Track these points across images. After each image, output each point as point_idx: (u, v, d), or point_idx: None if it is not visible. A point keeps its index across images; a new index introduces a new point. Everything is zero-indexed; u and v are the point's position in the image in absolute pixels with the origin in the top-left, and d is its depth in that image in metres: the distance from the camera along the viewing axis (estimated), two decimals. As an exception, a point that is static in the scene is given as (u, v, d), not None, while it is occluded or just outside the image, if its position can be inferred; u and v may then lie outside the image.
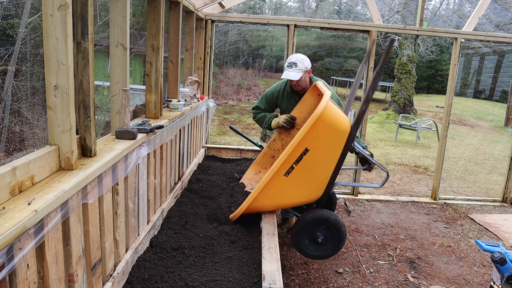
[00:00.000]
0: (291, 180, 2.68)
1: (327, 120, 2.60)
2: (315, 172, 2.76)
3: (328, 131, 2.65)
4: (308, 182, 2.78)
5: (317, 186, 2.84)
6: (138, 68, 16.31)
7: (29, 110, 8.83)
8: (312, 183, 2.81)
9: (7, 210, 1.34)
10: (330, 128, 2.65)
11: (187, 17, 4.44)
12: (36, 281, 1.45)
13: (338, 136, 2.72)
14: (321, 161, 2.74)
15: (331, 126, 2.65)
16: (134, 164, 2.38)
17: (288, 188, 2.73)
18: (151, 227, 2.86)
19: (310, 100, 3.48)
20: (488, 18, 11.93)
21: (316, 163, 2.70)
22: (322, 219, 2.87)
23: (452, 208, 5.22)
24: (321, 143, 2.65)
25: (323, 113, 2.54)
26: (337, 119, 2.69)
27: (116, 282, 2.20)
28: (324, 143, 2.67)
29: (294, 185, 2.72)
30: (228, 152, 5.42)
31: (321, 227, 2.89)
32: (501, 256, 2.73)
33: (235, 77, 19.87)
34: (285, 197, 2.80)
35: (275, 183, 2.68)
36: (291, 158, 2.60)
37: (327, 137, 2.66)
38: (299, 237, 2.93)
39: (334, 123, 2.66)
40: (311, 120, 2.52)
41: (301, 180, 2.72)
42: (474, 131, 13.01)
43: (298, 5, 29.86)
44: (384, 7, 15.67)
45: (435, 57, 22.84)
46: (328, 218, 2.86)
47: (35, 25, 8.77)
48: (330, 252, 2.95)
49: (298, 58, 3.37)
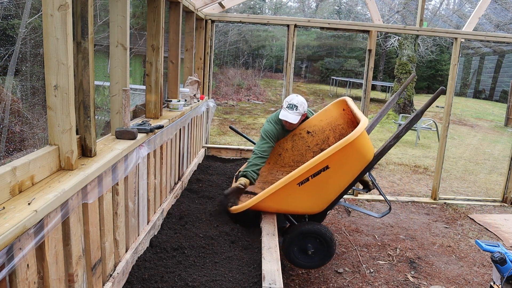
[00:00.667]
0: (302, 190, 2.75)
1: (358, 147, 2.71)
2: (327, 189, 2.84)
3: (354, 157, 2.76)
4: (317, 196, 2.85)
5: (323, 201, 2.92)
6: (138, 68, 16.30)
7: (29, 110, 8.83)
8: (320, 198, 2.89)
9: (7, 210, 1.34)
10: (357, 155, 2.76)
11: (187, 17, 4.44)
12: (36, 281, 1.45)
13: (360, 163, 2.83)
14: (336, 181, 2.82)
15: (359, 153, 2.76)
16: (134, 164, 2.38)
17: (297, 197, 2.79)
18: (151, 227, 2.86)
19: (333, 112, 3.51)
20: (488, 18, 11.93)
21: (330, 181, 2.78)
22: (318, 234, 2.95)
23: (452, 208, 5.23)
24: (343, 165, 2.75)
25: (356, 140, 2.63)
26: (366, 148, 2.80)
27: (116, 282, 2.20)
28: (346, 166, 2.77)
29: (303, 195, 2.79)
30: (228, 152, 5.42)
31: (314, 240, 2.98)
32: (501, 256, 2.73)
33: (235, 77, 19.87)
34: (291, 204, 2.85)
35: (286, 189, 2.75)
36: (310, 171, 2.67)
37: (350, 161, 2.77)
38: (291, 243, 3.00)
39: (363, 151, 2.77)
40: (343, 142, 2.61)
41: (311, 192, 2.80)
42: (474, 131, 13.01)
43: (298, 5, 29.87)
44: (384, 7, 15.67)
45: (435, 57, 22.86)
46: (324, 234, 2.95)
47: (35, 25, 8.77)
48: (315, 264, 3.06)
49: (299, 101, 3.33)
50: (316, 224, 3.00)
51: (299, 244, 3.01)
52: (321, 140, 3.50)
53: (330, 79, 21.44)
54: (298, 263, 3.07)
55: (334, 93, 19.95)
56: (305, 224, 3.02)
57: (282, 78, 10.26)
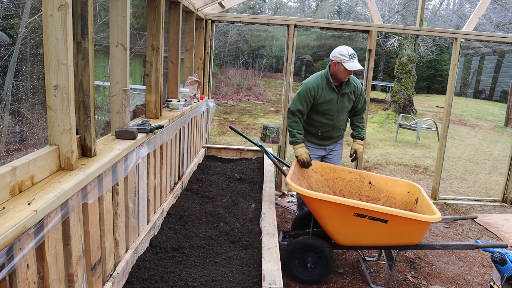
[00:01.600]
0: (352, 220, 2.91)
1: (419, 229, 2.93)
2: (366, 235, 3.00)
3: (407, 232, 2.95)
4: (355, 233, 3.01)
5: (355, 240, 3.08)
6: (138, 68, 16.30)
7: (29, 110, 8.83)
8: (356, 236, 3.04)
9: (7, 210, 1.34)
10: (411, 233, 2.96)
11: (187, 17, 4.44)
12: (36, 281, 1.45)
13: (406, 240, 3.03)
14: (379, 235, 2.98)
15: (413, 233, 2.97)
16: (134, 164, 2.38)
17: (343, 220, 2.95)
18: (151, 227, 2.86)
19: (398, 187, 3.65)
20: (488, 18, 11.93)
21: (376, 231, 2.95)
22: (319, 249, 3.12)
23: (452, 208, 5.23)
24: (396, 230, 2.92)
25: (424, 224, 2.87)
26: (420, 234, 2.99)
27: (116, 282, 2.20)
28: (396, 232, 2.94)
29: (348, 224, 2.95)
30: (228, 152, 5.42)
31: (314, 254, 3.14)
32: (501, 256, 2.73)
33: (235, 77, 19.86)
34: (333, 220, 2.99)
35: (342, 209, 2.89)
36: (373, 213, 2.85)
37: (402, 232, 2.95)
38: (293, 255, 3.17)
39: (417, 234, 2.98)
40: (416, 216, 2.83)
41: (356, 227, 2.96)
42: (474, 131, 13.01)
43: (298, 5, 29.87)
44: (384, 7, 15.67)
45: (435, 57, 22.85)
46: (324, 250, 3.10)
47: (35, 25, 8.77)
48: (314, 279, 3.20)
49: (353, 50, 3.52)
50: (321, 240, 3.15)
51: (299, 257, 3.17)
52: (372, 196, 3.67)
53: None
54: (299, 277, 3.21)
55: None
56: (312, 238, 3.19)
57: (282, 78, 10.26)
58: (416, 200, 3.43)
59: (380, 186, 3.66)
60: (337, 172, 3.71)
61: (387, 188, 3.64)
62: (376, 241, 3.06)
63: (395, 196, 3.60)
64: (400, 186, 3.62)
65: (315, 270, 3.16)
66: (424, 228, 2.94)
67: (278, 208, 4.81)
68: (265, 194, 3.60)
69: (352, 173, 3.71)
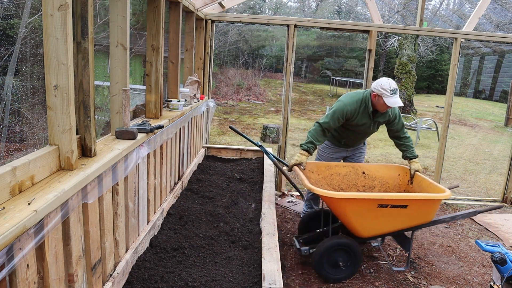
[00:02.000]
0: (376, 212, 3.06)
1: (434, 207, 3.16)
2: (389, 222, 3.18)
3: (425, 211, 3.17)
4: (380, 223, 3.17)
5: (379, 229, 3.25)
6: (138, 68, 16.30)
7: (29, 110, 8.83)
8: (381, 225, 3.20)
9: (7, 210, 1.34)
10: (428, 212, 3.18)
11: (187, 17, 4.44)
12: (36, 281, 1.45)
13: (424, 219, 3.23)
14: (401, 220, 3.17)
15: (430, 211, 3.18)
16: (134, 164, 2.38)
17: (368, 214, 3.08)
18: (151, 227, 2.86)
19: (390, 171, 3.85)
20: (488, 18, 11.93)
21: (398, 218, 3.14)
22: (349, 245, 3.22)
23: (452, 208, 5.22)
24: (415, 212, 3.12)
25: (437, 201, 3.13)
26: (434, 211, 3.20)
27: (116, 282, 2.20)
28: (415, 213, 3.14)
29: (372, 216, 3.09)
30: (228, 152, 5.42)
31: (343, 252, 3.24)
32: (501, 257, 2.73)
33: (235, 77, 19.85)
34: (359, 217, 3.11)
35: (366, 203, 3.02)
36: (394, 201, 3.03)
37: (421, 213, 3.16)
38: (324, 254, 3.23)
39: (432, 212, 3.19)
40: (431, 196, 3.07)
41: (379, 218, 3.11)
42: (474, 131, 13.01)
43: (298, 5, 29.87)
44: (384, 7, 15.67)
45: (435, 57, 22.85)
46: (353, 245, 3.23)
47: (35, 25, 8.77)
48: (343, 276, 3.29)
49: (395, 83, 3.44)
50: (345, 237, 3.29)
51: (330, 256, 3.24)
52: (368, 185, 3.82)
53: (330, 79, 21.43)
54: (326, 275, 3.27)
55: (334, 93, 19.95)
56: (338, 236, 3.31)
57: (282, 78, 10.26)
58: (410, 181, 3.69)
59: (373, 174, 3.83)
60: (332, 169, 3.79)
61: (380, 175, 3.82)
62: (396, 227, 3.22)
63: (388, 181, 3.81)
64: (390, 170, 3.84)
65: (347, 267, 3.25)
66: (438, 206, 3.18)
67: (278, 208, 4.81)
68: (265, 194, 3.60)
69: (346, 166, 3.82)
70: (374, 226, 3.19)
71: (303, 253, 3.36)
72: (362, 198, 3.00)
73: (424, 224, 3.28)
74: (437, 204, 3.16)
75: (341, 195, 3.03)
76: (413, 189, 3.64)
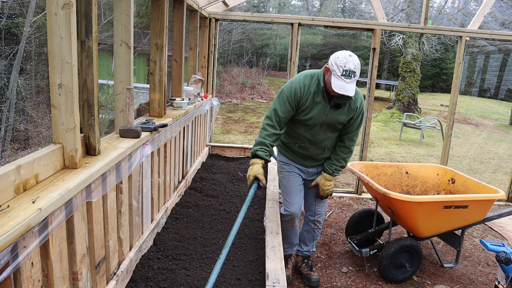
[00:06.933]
0: (441, 212, 3.16)
1: (489, 206, 3.28)
2: (450, 222, 3.27)
3: (481, 210, 3.27)
4: (441, 223, 3.26)
5: (438, 229, 3.32)
6: (142, 67, 16.32)
7: (34, 108, 8.87)
8: (443, 225, 3.28)
9: (12, 209, 1.35)
10: (484, 210, 3.29)
11: (191, 15, 4.44)
12: (40, 279, 1.45)
13: (479, 217, 3.33)
14: (461, 219, 3.27)
15: (485, 210, 3.29)
16: (138, 163, 2.39)
17: (433, 215, 3.16)
18: (155, 225, 2.86)
19: (429, 171, 3.95)
20: (494, 16, 11.85)
21: (458, 217, 3.24)
22: (413, 246, 3.26)
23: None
24: (473, 211, 3.23)
25: (492, 201, 3.24)
26: (488, 209, 3.31)
27: (120, 280, 2.20)
28: (474, 212, 3.25)
29: (435, 216, 3.18)
30: (232, 151, 5.43)
31: (407, 253, 3.27)
32: (506, 256, 2.72)
33: (239, 76, 19.85)
34: (425, 218, 3.18)
35: (433, 205, 3.11)
36: (458, 202, 3.13)
37: (478, 211, 3.27)
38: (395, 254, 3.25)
39: (486, 210, 3.31)
40: (489, 197, 3.20)
41: (442, 218, 3.21)
42: (478, 130, 12.94)
43: (302, 4, 29.80)
44: (388, 5, 15.61)
45: (440, 56, 22.73)
46: (416, 246, 3.28)
47: (39, 24, 8.80)
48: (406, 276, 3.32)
49: (356, 64, 2.60)
50: None
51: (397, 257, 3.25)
52: (411, 185, 3.93)
53: None
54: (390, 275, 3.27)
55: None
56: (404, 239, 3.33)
57: (286, 77, 10.28)
58: (452, 180, 3.78)
59: (415, 174, 3.95)
60: (380, 169, 3.88)
61: (421, 175, 3.95)
62: (454, 225, 3.31)
63: (428, 180, 3.93)
64: (429, 171, 3.96)
65: (412, 267, 3.29)
66: (491, 205, 3.28)
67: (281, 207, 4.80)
68: (269, 192, 3.59)
69: (391, 166, 3.93)
70: (436, 226, 3.27)
71: (364, 255, 3.34)
72: (433, 201, 3.11)
73: (477, 222, 3.36)
74: (492, 203, 3.27)
75: (417, 199, 3.08)
76: (457, 189, 3.71)
